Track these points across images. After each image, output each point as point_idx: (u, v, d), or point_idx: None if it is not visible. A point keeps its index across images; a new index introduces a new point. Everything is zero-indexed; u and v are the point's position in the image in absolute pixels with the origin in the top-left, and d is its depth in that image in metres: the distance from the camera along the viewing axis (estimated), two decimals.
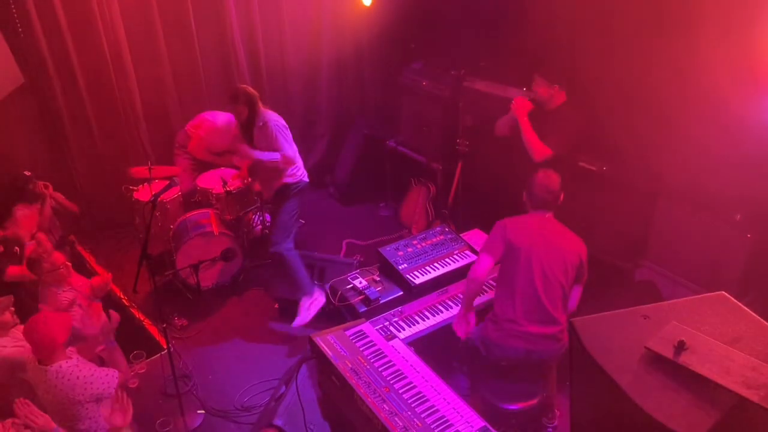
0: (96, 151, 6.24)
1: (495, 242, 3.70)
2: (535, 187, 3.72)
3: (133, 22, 5.95)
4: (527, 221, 3.75)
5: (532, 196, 3.76)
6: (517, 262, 3.62)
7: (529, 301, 3.60)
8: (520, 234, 3.66)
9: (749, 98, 3.72)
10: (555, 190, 3.71)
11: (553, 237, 3.68)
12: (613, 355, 1.91)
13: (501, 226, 3.74)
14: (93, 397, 3.22)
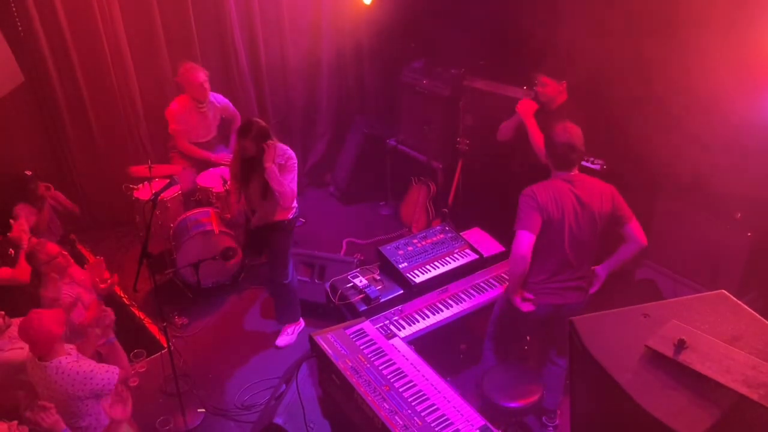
0: (96, 149, 6.24)
1: (531, 215, 3.49)
2: (558, 147, 3.52)
3: (133, 20, 5.95)
4: (556, 188, 3.55)
5: (555, 157, 3.56)
6: (549, 233, 3.55)
7: (559, 263, 3.63)
8: (551, 204, 3.51)
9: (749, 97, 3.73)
10: (580, 146, 3.51)
11: (583, 196, 3.54)
12: (613, 354, 1.91)
13: (530, 196, 3.52)
14: (93, 393, 3.22)
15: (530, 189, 3.56)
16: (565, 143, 3.48)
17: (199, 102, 5.52)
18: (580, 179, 3.59)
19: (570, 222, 3.54)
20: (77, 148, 6.18)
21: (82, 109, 6.03)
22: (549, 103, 4.43)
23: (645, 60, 4.28)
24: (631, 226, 3.63)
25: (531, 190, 3.55)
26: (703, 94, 3.90)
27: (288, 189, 4.48)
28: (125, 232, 6.35)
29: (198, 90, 5.49)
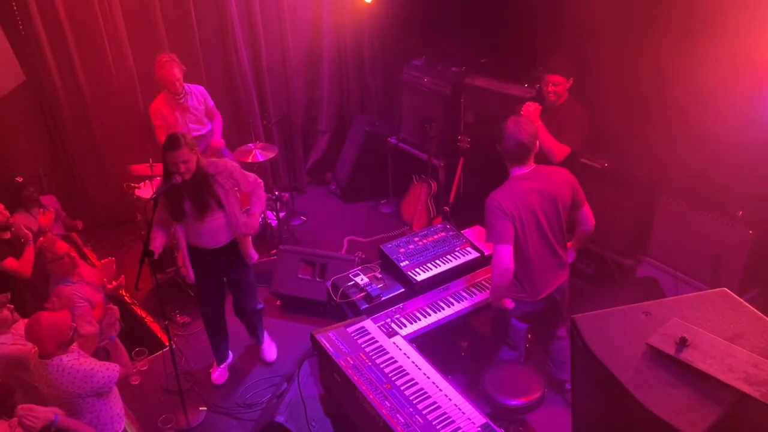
0: (97, 148, 6.25)
1: (504, 227, 3.55)
2: (507, 142, 3.57)
3: (134, 19, 5.95)
4: (516, 191, 3.61)
5: (508, 153, 3.62)
6: (525, 232, 3.63)
7: (540, 258, 3.73)
8: (517, 209, 3.57)
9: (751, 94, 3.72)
10: (527, 141, 3.55)
11: (544, 188, 3.62)
12: (614, 352, 1.91)
13: (497, 207, 3.56)
14: (93, 392, 3.22)
15: (494, 200, 3.59)
16: (515, 140, 3.55)
17: (175, 95, 5.43)
18: (537, 171, 3.67)
19: (538, 219, 3.64)
20: (78, 146, 6.19)
21: (83, 107, 6.04)
22: (554, 102, 4.42)
23: (648, 59, 4.27)
24: (584, 210, 3.80)
25: (496, 201, 3.58)
26: (705, 93, 3.89)
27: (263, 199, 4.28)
28: (126, 231, 6.36)
29: (171, 85, 5.33)
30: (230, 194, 4.05)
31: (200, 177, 3.92)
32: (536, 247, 3.70)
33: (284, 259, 5.36)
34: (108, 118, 6.18)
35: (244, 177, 4.16)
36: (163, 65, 5.27)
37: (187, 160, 3.80)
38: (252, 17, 6.43)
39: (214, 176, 3.98)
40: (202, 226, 4.04)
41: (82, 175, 6.32)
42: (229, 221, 4.08)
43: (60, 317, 3.23)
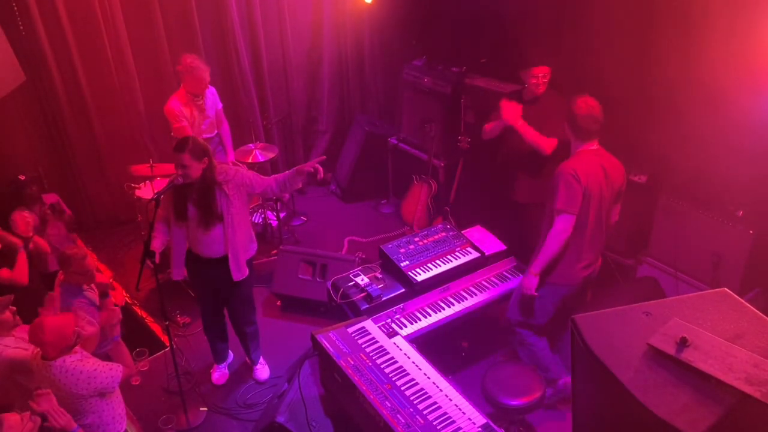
0: (97, 148, 6.25)
1: (575, 196, 3.56)
2: (580, 120, 3.61)
3: (134, 19, 5.96)
4: (590, 162, 3.64)
5: (579, 130, 3.65)
6: (588, 206, 3.65)
7: (596, 232, 3.77)
8: (591, 180, 3.60)
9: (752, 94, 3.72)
10: (600, 117, 3.62)
11: (610, 170, 3.68)
12: (615, 352, 1.91)
13: (572, 175, 3.55)
14: (96, 392, 3.23)
15: (570, 167, 3.59)
16: (587, 115, 3.59)
17: (195, 96, 5.47)
18: (603, 151, 3.72)
19: (601, 195, 3.66)
20: (79, 147, 6.19)
21: (84, 108, 6.04)
22: (532, 93, 4.49)
23: (647, 57, 4.27)
24: (618, 205, 3.86)
25: (572, 168, 3.58)
26: (705, 92, 3.90)
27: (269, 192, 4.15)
28: (127, 231, 6.36)
29: (200, 86, 5.34)
30: (233, 206, 3.97)
31: (207, 185, 3.88)
32: (592, 224, 3.71)
33: (284, 260, 5.36)
34: (108, 118, 6.18)
35: (257, 177, 4.08)
36: (194, 69, 5.20)
37: (186, 166, 3.76)
38: (252, 17, 6.44)
39: (221, 185, 3.92)
40: (201, 233, 4.01)
41: (82, 176, 6.32)
42: (225, 234, 4.00)
43: (64, 322, 3.23)
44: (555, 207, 3.62)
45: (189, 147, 3.76)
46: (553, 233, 3.68)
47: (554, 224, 3.66)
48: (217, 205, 3.93)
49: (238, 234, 4.04)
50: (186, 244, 4.12)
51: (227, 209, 3.96)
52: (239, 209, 4.01)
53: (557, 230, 3.66)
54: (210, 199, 3.90)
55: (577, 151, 3.71)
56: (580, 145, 3.69)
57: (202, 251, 4.07)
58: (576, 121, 3.62)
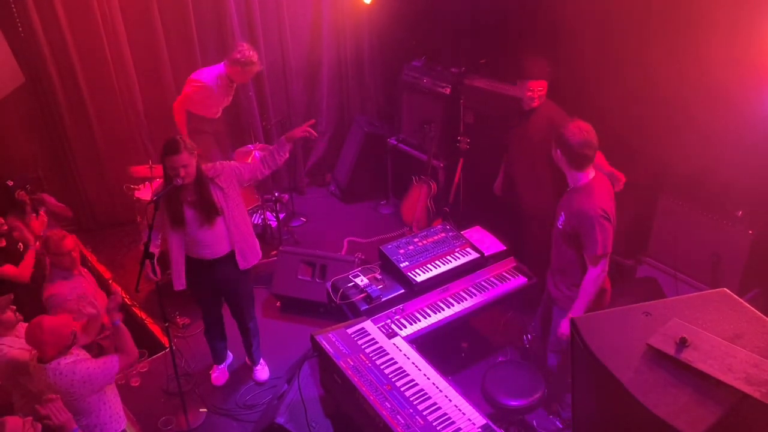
0: (97, 149, 6.25)
1: (610, 236, 3.42)
2: (576, 148, 3.38)
3: (133, 21, 5.95)
4: (604, 191, 3.49)
5: (576, 158, 3.42)
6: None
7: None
8: (613, 212, 3.48)
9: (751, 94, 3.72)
10: (595, 140, 3.43)
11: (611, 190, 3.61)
12: (614, 352, 1.91)
13: (603, 217, 3.38)
14: (93, 392, 3.23)
15: (597, 207, 3.39)
16: (582, 141, 3.38)
17: (231, 81, 5.54)
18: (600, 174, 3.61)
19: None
20: (78, 148, 6.19)
21: (83, 109, 6.04)
22: (535, 107, 4.46)
23: (646, 58, 4.27)
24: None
25: (600, 209, 3.39)
26: (705, 92, 3.90)
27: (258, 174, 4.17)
28: (126, 232, 6.36)
29: (245, 79, 5.59)
30: (230, 199, 4.01)
31: (201, 182, 3.90)
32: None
33: (284, 261, 5.36)
34: (107, 119, 6.18)
35: (242, 165, 4.15)
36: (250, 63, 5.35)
37: (186, 165, 3.76)
38: (251, 18, 6.43)
39: (213, 179, 3.95)
40: (203, 235, 3.99)
41: (82, 177, 6.32)
42: (227, 227, 4.02)
43: (61, 322, 3.22)
44: (595, 254, 3.42)
45: (184, 145, 3.76)
46: (592, 279, 3.50)
47: (592, 269, 3.49)
48: (215, 198, 3.94)
49: (240, 224, 4.09)
50: (184, 252, 4.10)
51: (225, 203, 3.98)
52: (236, 200, 4.06)
53: (597, 274, 3.49)
54: (207, 194, 3.91)
55: (588, 182, 3.50)
56: (579, 175, 3.50)
57: (204, 253, 4.06)
58: (572, 150, 3.40)
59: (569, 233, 3.54)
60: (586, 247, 3.47)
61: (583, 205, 3.44)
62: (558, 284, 3.78)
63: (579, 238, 3.50)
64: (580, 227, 3.46)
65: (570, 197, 3.57)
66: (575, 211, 3.48)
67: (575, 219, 3.48)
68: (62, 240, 4.08)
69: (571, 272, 3.66)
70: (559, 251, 3.73)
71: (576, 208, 3.48)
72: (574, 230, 3.51)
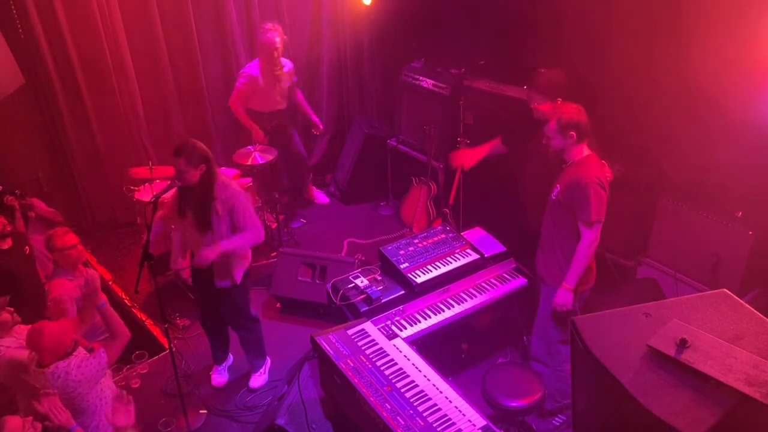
0: (97, 151, 6.25)
1: (604, 204, 3.59)
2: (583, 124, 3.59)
3: (133, 22, 5.96)
4: (598, 164, 3.68)
5: (584, 132, 3.63)
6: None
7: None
8: (608, 183, 3.66)
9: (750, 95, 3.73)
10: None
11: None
12: (615, 353, 1.91)
13: (598, 184, 3.55)
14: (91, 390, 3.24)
15: (593, 175, 3.57)
16: (584, 118, 3.60)
17: (272, 64, 5.57)
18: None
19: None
20: (78, 149, 6.19)
21: (83, 110, 6.04)
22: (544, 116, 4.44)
23: (646, 59, 4.28)
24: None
25: (596, 177, 3.57)
26: (704, 93, 3.90)
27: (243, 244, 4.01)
28: (126, 234, 6.36)
29: (269, 53, 5.59)
30: (222, 224, 3.95)
31: (204, 194, 3.89)
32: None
33: (284, 262, 5.36)
34: (107, 121, 6.18)
35: (243, 214, 3.97)
36: (265, 32, 5.52)
37: (183, 171, 3.78)
38: (251, 19, 6.44)
39: (216, 198, 3.91)
40: (194, 240, 4.04)
41: (81, 178, 6.32)
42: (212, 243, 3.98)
43: (62, 330, 3.22)
44: (590, 219, 3.57)
45: (185, 153, 3.77)
46: (586, 245, 3.64)
47: (586, 235, 3.63)
48: (211, 215, 3.93)
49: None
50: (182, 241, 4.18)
51: (217, 224, 3.95)
52: (227, 230, 3.98)
53: (591, 241, 3.63)
54: (206, 208, 3.91)
55: (584, 156, 3.68)
56: (580, 149, 3.67)
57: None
58: (580, 126, 3.59)
59: (564, 203, 3.68)
60: (580, 213, 3.61)
61: (579, 174, 3.62)
62: (547, 262, 3.92)
63: (573, 206, 3.64)
64: (575, 194, 3.61)
65: (567, 171, 3.72)
66: (570, 181, 3.65)
67: (571, 188, 3.64)
68: (66, 234, 4.14)
69: (560, 246, 3.80)
70: (550, 224, 3.86)
71: (571, 179, 3.65)
72: (568, 199, 3.65)
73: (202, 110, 6.53)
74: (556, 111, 3.69)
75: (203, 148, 3.86)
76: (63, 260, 4.15)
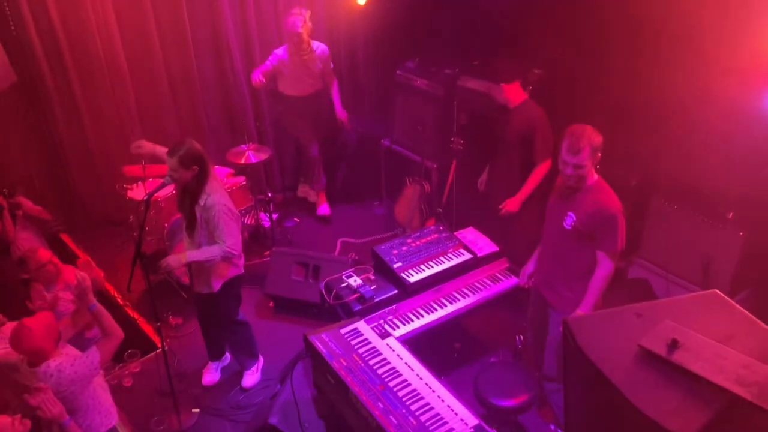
0: (89, 149, 6.21)
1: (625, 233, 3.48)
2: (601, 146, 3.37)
3: (127, 21, 5.93)
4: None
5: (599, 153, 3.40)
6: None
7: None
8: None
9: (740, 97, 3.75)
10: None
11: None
12: (606, 353, 1.92)
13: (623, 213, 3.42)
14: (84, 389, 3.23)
15: (618, 205, 3.42)
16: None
17: (297, 47, 5.71)
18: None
19: None
20: (71, 147, 6.15)
21: (76, 108, 6.00)
22: (507, 103, 4.66)
23: (637, 61, 4.30)
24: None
25: (621, 206, 3.43)
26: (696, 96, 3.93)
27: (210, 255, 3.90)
28: (119, 232, 6.33)
29: (289, 36, 5.75)
30: (201, 228, 3.94)
31: (193, 195, 3.88)
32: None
33: (277, 261, 5.35)
34: (100, 119, 6.14)
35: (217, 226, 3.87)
36: (288, 16, 5.71)
37: (173, 170, 3.77)
38: (246, 18, 6.42)
39: (198, 204, 3.88)
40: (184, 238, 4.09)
41: (74, 176, 6.28)
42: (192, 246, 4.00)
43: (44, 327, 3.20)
44: (616, 249, 3.46)
45: (179, 153, 3.76)
46: (606, 274, 3.49)
47: (607, 264, 3.48)
48: (195, 219, 3.92)
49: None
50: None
51: (198, 229, 3.94)
52: (205, 238, 3.95)
53: (612, 268, 3.49)
54: (192, 209, 3.91)
55: (596, 180, 3.49)
56: (593, 172, 3.48)
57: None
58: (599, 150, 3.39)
59: (583, 233, 3.48)
60: (604, 243, 3.46)
61: (603, 203, 3.42)
62: (556, 288, 3.73)
63: (595, 236, 3.47)
64: (601, 225, 3.43)
65: (581, 198, 3.49)
66: (594, 210, 3.42)
67: (595, 217, 3.43)
68: (36, 253, 4.14)
69: (572, 273, 3.63)
70: (560, 253, 3.67)
71: (594, 207, 3.42)
72: (590, 229, 3.46)
73: (196, 109, 6.51)
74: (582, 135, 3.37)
75: (199, 150, 3.82)
76: (42, 277, 4.12)
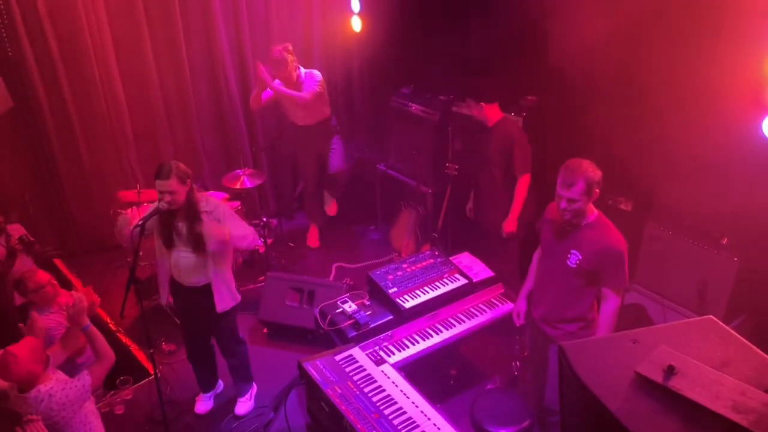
0: (84, 173, 6.22)
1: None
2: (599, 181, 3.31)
3: (123, 45, 5.98)
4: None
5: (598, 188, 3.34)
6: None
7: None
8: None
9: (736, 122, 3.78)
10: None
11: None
12: (602, 380, 1.91)
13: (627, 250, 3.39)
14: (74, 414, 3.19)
15: (623, 241, 3.38)
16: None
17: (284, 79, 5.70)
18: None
19: None
20: (66, 172, 6.16)
21: (71, 133, 6.02)
22: (486, 122, 4.82)
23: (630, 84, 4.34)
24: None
25: (625, 244, 3.39)
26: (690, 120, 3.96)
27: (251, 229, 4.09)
28: (113, 257, 6.30)
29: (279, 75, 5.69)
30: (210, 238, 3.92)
31: (192, 213, 3.84)
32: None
33: (271, 286, 5.33)
34: (96, 143, 6.16)
35: (234, 218, 4.01)
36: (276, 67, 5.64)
37: (173, 192, 3.72)
38: (241, 42, 6.49)
39: (203, 212, 3.87)
40: (185, 262, 3.94)
41: (69, 201, 6.28)
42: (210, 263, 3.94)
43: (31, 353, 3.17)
44: (623, 285, 3.43)
45: (174, 171, 3.73)
46: (614, 310, 3.44)
47: (614, 300, 3.43)
48: (202, 232, 3.87)
49: (221, 263, 4.00)
50: (170, 272, 4.08)
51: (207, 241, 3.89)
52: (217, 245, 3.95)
53: (618, 305, 3.46)
54: (198, 227, 3.85)
55: (597, 216, 3.44)
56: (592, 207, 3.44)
57: (184, 280, 4.03)
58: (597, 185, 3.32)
59: (589, 270, 3.43)
60: (612, 280, 3.41)
61: (609, 240, 3.36)
62: (556, 324, 3.66)
63: (601, 273, 3.42)
64: (607, 262, 3.38)
65: (583, 234, 3.43)
66: (600, 248, 3.36)
67: (601, 255, 3.37)
68: (35, 274, 4.13)
69: (574, 309, 3.58)
70: (563, 292, 3.60)
71: (600, 245, 3.37)
72: (596, 267, 3.40)
73: (192, 133, 6.54)
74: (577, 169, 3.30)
75: (183, 165, 3.86)
76: (39, 299, 4.10)
